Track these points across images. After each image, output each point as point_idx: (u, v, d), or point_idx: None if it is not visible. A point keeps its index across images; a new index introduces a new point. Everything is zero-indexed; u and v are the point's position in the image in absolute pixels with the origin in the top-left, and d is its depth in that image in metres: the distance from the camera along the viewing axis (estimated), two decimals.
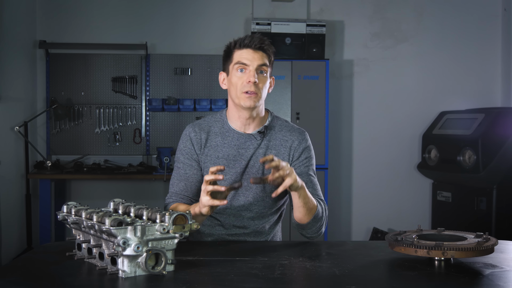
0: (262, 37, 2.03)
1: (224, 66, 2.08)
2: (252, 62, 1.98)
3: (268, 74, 2.04)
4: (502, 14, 5.26)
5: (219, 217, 2.07)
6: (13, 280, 1.49)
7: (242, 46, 2.00)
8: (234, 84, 2.00)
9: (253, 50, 1.99)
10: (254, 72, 1.97)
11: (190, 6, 5.11)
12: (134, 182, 5.06)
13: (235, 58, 2.01)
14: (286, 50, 4.82)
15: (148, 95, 5.09)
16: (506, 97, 5.19)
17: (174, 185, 2.10)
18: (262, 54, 2.00)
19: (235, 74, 2.01)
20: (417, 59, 5.29)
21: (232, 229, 2.08)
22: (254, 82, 1.97)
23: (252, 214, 2.07)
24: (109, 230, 1.48)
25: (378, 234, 5.00)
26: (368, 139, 5.26)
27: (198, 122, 2.15)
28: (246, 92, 1.97)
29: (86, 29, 5.05)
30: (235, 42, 2.03)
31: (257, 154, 2.05)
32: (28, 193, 4.59)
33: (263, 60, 2.00)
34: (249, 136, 2.07)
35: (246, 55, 1.99)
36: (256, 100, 1.99)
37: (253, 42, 1.99)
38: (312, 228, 1.97)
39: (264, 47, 2.01)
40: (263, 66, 2.00)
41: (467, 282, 1.50)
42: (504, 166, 4.25)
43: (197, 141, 2.09)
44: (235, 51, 2.02)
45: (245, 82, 1.98)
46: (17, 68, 4.70)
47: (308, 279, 1.55)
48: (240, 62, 1.99)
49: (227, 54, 2.06)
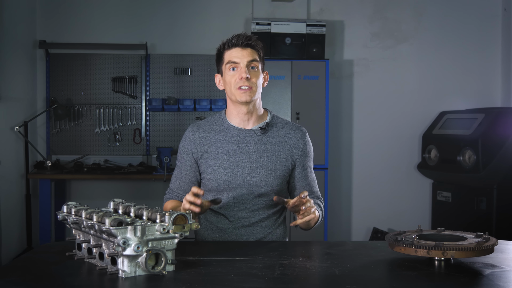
0: (249, 34, 2.11)
1: (218, 68, 2.16)
2: (242, 59, 2.05)
3: (260, 69, 2.11)
4: (502, 14, 5.26)
5: (222, 211, 2.12)
6: (13, 280, 1.49)
7: (231, 45, 2.08)
8: (228, 83, 2.08)
9: (242, 48, 2.07)
10: (245, 68, 2.05)
11: (190, 6, 5.11)
12: (134, 182, 5.06)
13: (226, 58, 2.09)
14: (286, 50, 4.82)
15: (148, 95, 5.09)
16: (506, 97, 5.19)
17: (172, 182, 2.24)
18: (251, 50, 2.08)
19: (228, 73, 2.08)
20: (417, 59, 5.29)
21: (237, 221, 2.12)
22: (247, 78, 2.04)
23: (257, 206, 2.11)
24: (109, 230, 1.48)
25: (378, 234, 5.00)
26: (368, 139, 5.26)
27: (198, 123, 2.21)
28: (240, 88, 2.04)
29: (86, 29, 5.05)
30: (223, 44, 2.10)
31: (259, 149, 2.10)
32: (28, 193, 4.59)
33: (253, 56, 2.07)
34: (249, 132, 2.12)
35: (235, 54, 2.06)
36: (251, 94, 2.05)
37: (240, 40, 2.07)
38: (311, 228, 2.11)
39: (252, 43, 2.08)
40: (253, 61, 2.07)
41: (467, 282, 1.50)
42: (504, 166, 4.25)
43: (196, 140, 2.14)
44: (225, 51, 2.10)
45: (237, 79, 2.05)
46: (17, 68, 4.70)
47: (308, 279, 1.56)
48: (231, 61, 2.07)
49: (218, 56, 2.13)
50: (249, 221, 2.11)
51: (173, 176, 2.22)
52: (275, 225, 2.16)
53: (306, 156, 2.16)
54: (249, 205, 2.10)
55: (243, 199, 2.09)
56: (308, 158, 2.17)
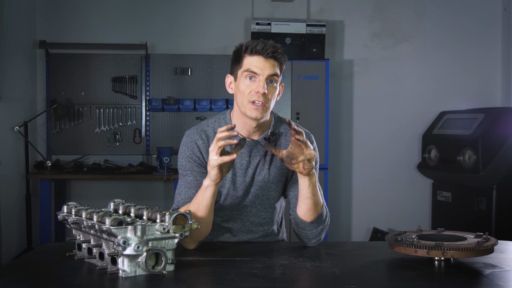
0: (275, 44, 1.90)
1: (232, 69, 1.96)
2: (263, 71, 1.86)
3: (278, 83, 1.92)
4: (502, 14, 5.26)
5: (226, 224, 2.04)
6: (13, 280, 1.49)
7: (254, 52, 1.87)
8: (242, 92, 1.88)
9: (265, 58, 1.86)
10: (264, 82, 1.85)
11: (190, 6, 5.11)
12: (134, 182, 5.06)
13: (245, 64, 1.88)
14: (286, 50, 4.72)
15: (148, 95, 5.09)
16: (506, 97, 5.19)
17: (182, 193, 1.94)
18: (274, 62, 1.88)
19: (243, 82, 1.89)
20: (417, 59, 5.29)
21: (240, 235, 2.04)
22: (263, 93, 1.85)
23: (260, 220, 2.04)
24: (109, 230, 1.48)
25: (378, 234, 5.00)
26: (368, 139, 5.26)
27: (202, 128, 2.01)
28: (253, 102, 1.86)
29: (86, 29, 5.05)
30: (246, 47, 1.89)
31: (263, 161, 2.00)
32: (28, 193, 4.59)
33: (274, 70, 1.88)
34: (255, 143, 1.99)
35: (256, 63, 1.86)
36: (263, 112, 1.88)
37: (266, 49, 1.86)
38: (313, 230, 1.91)
39: (277, 56, 1.88)
40: (273, 76, 1.88)
41: (467, 282, 1.50)
42: (504, 166, 4.25)
43: (206, 149, 1.96)
44: (245, 56, 1.89)
45: (253, 91, 1.86)
46: (17, 68, 4.70)
47: (308, 279, 1.56)
48: (250, 70, 1.87)
49: (236, 57, 1.93)
50: (253, 236, 2.04)
51: (182, 187, 1.95)
52: (277, 235, 2.11)
53: None
54: (253, 218, 2.04)
55: (247, 212, 2.02)
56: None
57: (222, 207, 2.00)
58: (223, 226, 2.04)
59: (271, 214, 2.06)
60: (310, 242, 1.94)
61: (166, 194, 5.04)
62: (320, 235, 1.94)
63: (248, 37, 5.00)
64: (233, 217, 2.02)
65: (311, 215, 1.89)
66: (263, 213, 2.04)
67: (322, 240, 1.98)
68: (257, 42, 1.89)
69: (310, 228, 1.91)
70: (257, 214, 2.03)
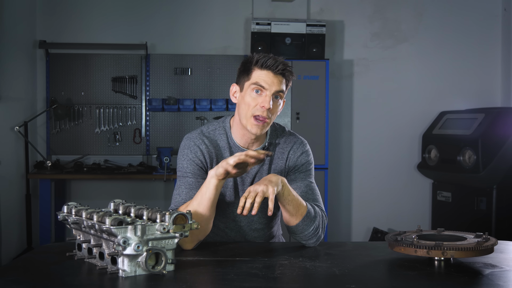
0: (286, 61, 1.93)
1: (238, 79, 1.98)
2: (271, 87, 1.89)
3: (282, 99, 1.96)
4: (502, 14, 5.26)
5: (227, 230, 2.06)
6: (13, 280, 1.49)
7: (264, 67, 1.89)
8: (247, 104, 1.91)
9: (274, 74, 1.89)
10: (270, 97, 1.89)
11: (190, 6, 5.11)
12: (134, 182, 5.06)
13: (253, 77, 1.91)
14: (286, 50, 4.82)
15: (148, 95, 5.09)
16: (506, 97, 5.19)
17: (182, 194, 1.94)
18: (282, 79, 1.91)
19: (249, 94, 1.91)
20: (417, 59, 5.29)
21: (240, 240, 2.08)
22: (268, 109, 1.89)
23: (258, 226, 2.07)
24: (110, 230, 1.48)
25: (378, 234, 5.00)
26: (368, 139, 5.27)
27: (204, 134, 2.02)
28: (256, 117, 1.89)
29: (86, 29, 5.05)
30: (257, 60, 1.91)
31: (261, 171, 2.02)
32: (28, 193, 4.59)
33: (281, 86, 1.91)
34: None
35: (265, 78, 1.89)
36: (264, 128, 1.91)
37: (276, 65, 1.89)
38: (305, 231, 1.89)
39: (286, 73, 1.92)
40: (280, 92, 1.91)
41: (467, 282, 1.50)
42: (504, 166, 4.25)
43: (209, 155, 1.98)
44: (254, 69, 1.91)
45: (259, 105, 1.89)
46: (17, 68, 4.70)
47: (308, 279, 1.56)
48: (259, 84, 1.89)
49: (245, 68, 1.94)
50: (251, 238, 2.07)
51: (182, 188, 1.95)
52: (275, 237, 2.15)
53: (301, 165, 2.04)
54: (254, 224, 2.06)
55: (248, 219, 2.04)
56: (303, 167, 2.04)
57: (224, 214, 2.02)
58: (223, 230, 2.07)
59: (270, 222, 2.11)
60: (308, 242, 1.93)
61: (166, 194, 5.04)
62: (316, 234, 1.92)
63: (248, 37, 5.00)
64: (233, 225, 2.06)
65: (296, 219, 1.88)
66: (263, 219, 2.07)
67: (322, 240, 1.98)
68: (268, 57, 1.91)
69: (301, 230, 1.90)
70: (258, 221, 2.07)
